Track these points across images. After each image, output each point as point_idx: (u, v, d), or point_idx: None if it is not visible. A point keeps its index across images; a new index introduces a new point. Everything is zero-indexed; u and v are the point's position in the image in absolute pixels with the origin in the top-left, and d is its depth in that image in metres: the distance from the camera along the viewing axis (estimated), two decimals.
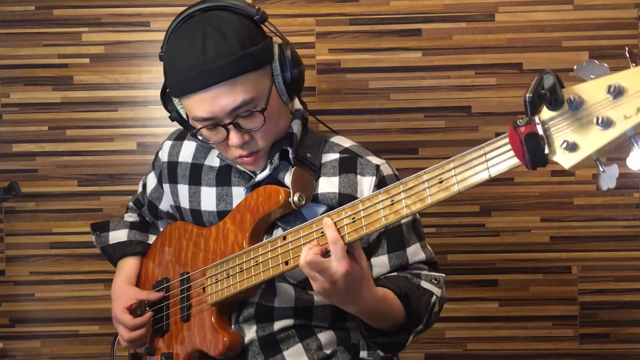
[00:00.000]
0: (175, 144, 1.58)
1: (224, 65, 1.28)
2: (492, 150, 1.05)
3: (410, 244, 1.45)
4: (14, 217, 2.28)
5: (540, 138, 0.97)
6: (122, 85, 2.25)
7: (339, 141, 1.50)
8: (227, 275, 1.38)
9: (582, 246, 2.22)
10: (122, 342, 1.54)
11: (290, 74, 1.36)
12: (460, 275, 2.23)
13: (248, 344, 1.43)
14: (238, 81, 1.30)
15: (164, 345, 1.51)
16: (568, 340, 2.23)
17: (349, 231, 1.19)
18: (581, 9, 2.17)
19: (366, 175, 1.43)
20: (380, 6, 2.20)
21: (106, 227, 1.67)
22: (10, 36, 2.25)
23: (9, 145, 2.26)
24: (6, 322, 2.29)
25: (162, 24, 2.23)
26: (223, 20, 1.32)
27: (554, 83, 0.94)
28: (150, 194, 1.64)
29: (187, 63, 1.30)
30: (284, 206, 1.37)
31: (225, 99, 1.30)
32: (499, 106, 2.19)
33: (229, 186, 1.48)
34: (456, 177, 1.08)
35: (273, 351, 1.42)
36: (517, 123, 0.99)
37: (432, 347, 2.24)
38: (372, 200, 1.18)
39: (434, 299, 1.40)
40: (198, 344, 1.44)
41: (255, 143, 1.37)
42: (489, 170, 1.05)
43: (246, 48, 1.30)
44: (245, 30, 1.32)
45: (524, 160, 1.00)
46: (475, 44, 2.19)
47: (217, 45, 1.29)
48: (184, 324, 1.47)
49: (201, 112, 1.32)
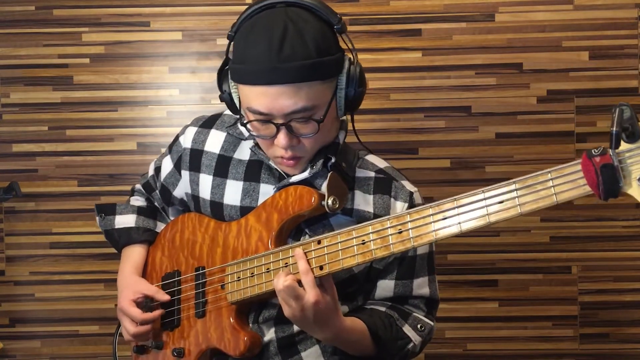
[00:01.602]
0: (201, 131, 1.53)
1: (297, 68, 1.26)
2: (560, 176, 1.05)
3: (419, 276, 1.46)
4: (14, 217, 2.28)
5: (616, 169, 0.98)
6: (122, 85, 2.25)
7: (374, 160, 1.49)
8: (252, 275, 1.35)
9: (582, 246, 2.22)
10: (126, 335, 1.49)
11: (354, 91, 1.34)
12: (460, 275, 2.23)
13: (265, 344, 1.41)
14: (304, 86, 1.28)
15: (174, 340, 1.48)
16: (568, 340, 2.23)
17: (394, 242, 1.21)
18: (581, 9, 2.17)
19: (399, 200, 1.43)
20: (380, 6, 2.20)
21: (112, 209, 1.62)
22: (10, 36, 2.25)
23: (9, 145, 2.26)
24: (6, 322, 2.29)
25: (162, 24, 2.23)
26: (305, 22, 1.29)
27: (631, 115, 0.95)
28: (165, 178, 1.59)
29: (260, 55, 1.27)
30: (316, 209, 1.34)
31: (287, 101, 1.28)
32: (499, 106, 2.19)
33: (257, 182, 1.45)
34: (518, 199, 1.09)
35: (291, 352, 1.42)
36: (592, 153, 1.00)
37: (432, 347, 2.24)
38: (422, 213, 1.19)
39: (410, 345, 1.43)
40: (215, 342, 1.41)
41: (302, 148, 1.35)
42: (555, 195, 1.05)
43: (322, 55, 1.28)
44: (323, 37, 1.30)
45: (597, 191, 1.00)
46: (475, 44, 2.19)
47: (294, 46, 1.26)
48: (198, 320, 1.44)
49: (258, 106, 1.30)
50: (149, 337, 1.49)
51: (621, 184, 0.98)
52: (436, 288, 1.50)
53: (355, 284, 1.44)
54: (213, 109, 1.60)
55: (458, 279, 2.23)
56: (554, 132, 2.19)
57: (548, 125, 2.19)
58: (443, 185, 2.20)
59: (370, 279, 1.45)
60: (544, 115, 2.19)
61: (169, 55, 2.24)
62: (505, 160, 2.19)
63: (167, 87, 2.24)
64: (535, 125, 2.18)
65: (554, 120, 2.19)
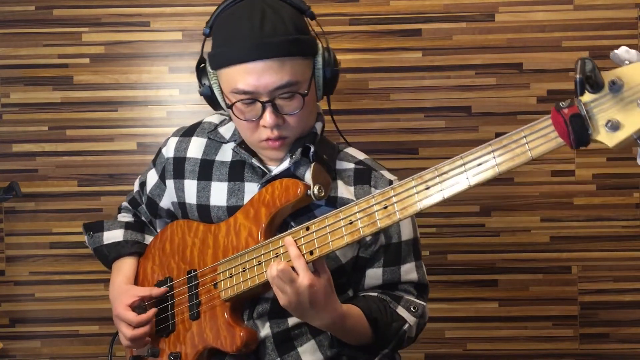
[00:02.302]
0: (182, 140, 1.57)
1: (280, 42, 1.33)
2: (533, 132, 1.10)
3: (406, 262, 1.48)
4: (14, 217, 2.28)
5: (584, 118, 1.02)
6: (122, 85, 2.25)
7: (353, 153, 1.53)
8: (243, 269, 1.36)
9: (582, 246, 2.22)
10: (124, 341, 1.50)
11: (330, 71, 1.41)
12: (460, 275, 2.23)
13: (262, 340, 1.42)
14: (287, 62, 1.34)
15: (169, 346, 1.48)
16: (568, 340, 2.23)
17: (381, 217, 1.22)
18: (581, 9, 2.17)
19: (379, 188, 1.44)
20: (380, 6, 2.20)
21: (100, 226, 1.64)
22: (10, 36, 2.25)
23: (9, 145, 2.27)
24: (6, 322, 2.29)
25: (162, 24, 2.23)
26: (281, 6, 1.38)
27: (593, 66, 0.99)
28: (150, 190, 1.62)
29: (244, 33, 1.34)
30: (302, 199, 1.35)
31: (273, 76, 1.33)
32: (499, 106, 2.19)
33: (241, 181, 1.47)
34: (495, 160, 1.12)
35: (287, 348, 1.42)
36: (560, 105, 1.05)
37: (432, 347, 2.24)
38: (405, 185, 1.20)
39: (405, 327, 1.44)
40: (211, 341, 1.41)
41: (287, 127, 1.39)
42: (530, 151, 1.09)
43: (300, 33, 1.37)
44: (298, 19, 1.40)
45: (568, 141, 1.04)
46: (475, 44, 2.19)
47: (275, 24, 1.34)
48: (192, 322, 1.45)
49: (244, 85, 1.34)
50: (146, 342, 1.50)
51: (590, 132, 1.02)
52: (424, 273, 1.52)
53: (343, 275, 1.45)
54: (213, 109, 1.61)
55: (458, 279, 2.23)
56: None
57: None
58: None
59: (358, 268, 1.46)
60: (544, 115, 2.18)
61: (169, 55, 2.24)
62: None
63: (167, 87, 2.25)
64: None
65: None
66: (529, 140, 1.10)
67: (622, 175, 2.20)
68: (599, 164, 2.20)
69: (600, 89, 1.01)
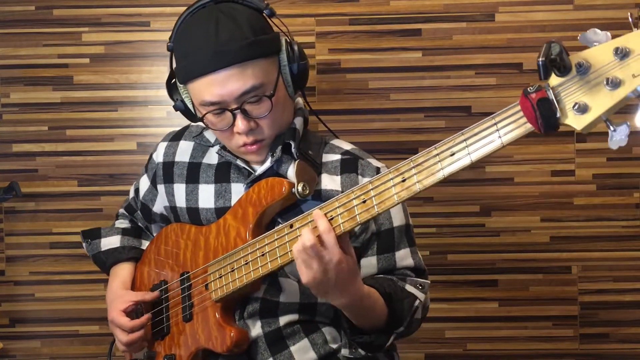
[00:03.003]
0: (170, 145, 1.58)
1: (237, 49, 1.33)
2: (503, 119, 1.11)
3: (400, 248, 1.47)
4: (14, 217, 2.28)
5: (552, 102, 1.03)
6: (122, 85, 2.25)
7: (340, 144, 1.53)
8: (232, 269, 1.37)
9: (582, 246, 2.22)
10: (120, 346, 1.52)
11: (297, 66, 1.41)
12: (460, 275, 2.23)
13: (253, 340, 1.42)
14: (248, 66, 1.34)
15: (165, 348, 1.49)
16: (568, 340, 2.23)
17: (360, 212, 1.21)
18: (581, 9, 2.17)
19: (366, 176, 1.45)
20: (380, 6, 2.20)
21: (97, 234, 1.66)
22: (10, 36, 2.25)
23: (9, 145, 2.26)
24: (6, 322, 2.29)
25: (162, 24, 2.23)
26: (234, 10, 1.37)
27: (560, 50, 1.00)
28: (143, 196, 1.64)
29: (200, 46, 1.34)
30: (288, 197, 1.37)
31: (236, 83, 1.33)
32: (499, 106, 2.15)
33: (227, 183, 1.48)
34: (468, 149, 1.13)
35: (280, 347, 1.42)
36: (528, 90, 1.05)
37: (432, 347, 2.24)
38: (382, 179, 1.20)
39: (417, 302, 1.42)
40: (203, 342, 1.42)
41: (261, 131, 1.39)
42: (501, 138, 1.11)
43: (258, 35, 1.36)
44: (256, 20, 1.39)
45: (536, 125, 1.05)
46: (475, 44, 2.19)
47: (230, 30, 1.33)
48: (186, 323, 1.46)
49: (210, 96, 1.35)
50: (142, 346, 1.51)
51: (558, 115, 1.03)
52: (420, 259, 1.50)
53: None
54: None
55: (458, 279, 2.23)
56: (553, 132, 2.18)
57: None
58: (443, 185, 2.19)
59: None
60: None
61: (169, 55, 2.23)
62: (505, 160, 2.19)
63: None
64: None
65: None
66: (500, 127, 1.12)
67: (622, 175, 2.20)
68: (599, 164, 2.20)
69: (567, 72, 1.01)
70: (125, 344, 1.50)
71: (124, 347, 1.51)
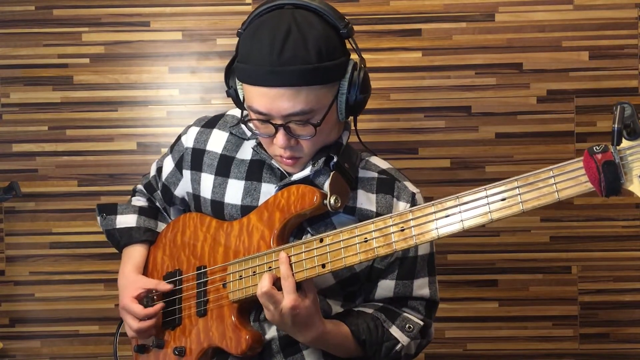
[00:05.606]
0: (203, 131, 1.54)
1: (296, 72, 1.27)
2: (562, 173, 1.07)
3: (419, 277, 1.47)
4: (14, 217, 2.28)
5: (618, 166, 0.99)
6: (122, 85, 2.25)
7: (377, 162, 1.50)
8: (254, 273, 1.36)
9: (582, 246, 2.22)
10: (130, 332, 1.50)
11: (355, 97, 1.35)
12: (460, 275, 2.23)
13: (267, 342, 1.42)
14: (303, 90, 1.29)
15: (175, 339, 1.48)
16: (568, 340, 2.23)
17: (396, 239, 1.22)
18: (581, 9, 2.17)
19: (402, 200, 1.44)
20: (380, 6, 2.20)
21: (114, 209, 1.62)
22: (10, 36, 2.25)
23: (9, 145, 2.27)
24: (6, 322, 2.29)
25: (162, 24, 2.23)
26: (310, 25, 1.30)
27: (632, 113, 0.96)
28: (166, 178, 1.60)
29: (262, 57, 1.28)
30: (318, 208, 1.34)
31: (285, 103, 1.29)
32: (499, 106, 2.19)
33: (258, 182, 1.45)
34: (520, 197, 1.10)
35: (293, 350, 1.42)
36: (594, 150, 1.01)
37: (432, 347, 2.23)
38: (425, 211, 1.19)
39: (398, 347, 1.43)
40: (217, 340, 1.41)
41: (300, 149, 1.37)
42: (557, 192, 1.07)
43: (322, 61, 1.29)
44: (326, 42, 1.31)
45: (599, 188, 1.02)
46: (475, 44, 2.19)
47: (295, 50, 1.27)
48: (199, 318, 1.44)
49: (258, 106, 1.32)
50: (151, 334, 1.49)
51: (622, 181, 0.99)
52: (436, 289, 1.51)
53: (357, 282, 1.44)
54: (213, 109, 1.61)
55: (458, 279, 2.23)
56: (554, 132, 2.19)
57: (548, 125, 2.19)
58: (443, 185, 2.20)
59: (371, 278, 1.45)
60: (544, 115, 2.19)
61: (169, 55, 2.24)
62: (505, 160, 2.19)
63: (167, 87, 2.24)
64: (535, 125, 2.18)
65: (554, 120, 2.19)
66: (558, 181, 1.07)
67: None
68: None
69: (638, 136, 0.97)
70: (135, 331, 1.48)
71: (133, 334, 1.49)
